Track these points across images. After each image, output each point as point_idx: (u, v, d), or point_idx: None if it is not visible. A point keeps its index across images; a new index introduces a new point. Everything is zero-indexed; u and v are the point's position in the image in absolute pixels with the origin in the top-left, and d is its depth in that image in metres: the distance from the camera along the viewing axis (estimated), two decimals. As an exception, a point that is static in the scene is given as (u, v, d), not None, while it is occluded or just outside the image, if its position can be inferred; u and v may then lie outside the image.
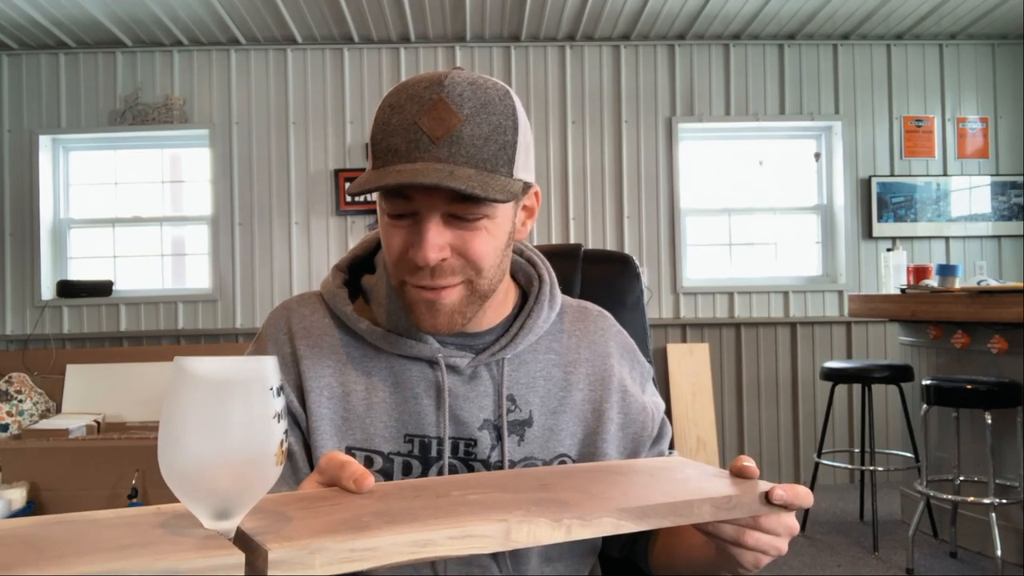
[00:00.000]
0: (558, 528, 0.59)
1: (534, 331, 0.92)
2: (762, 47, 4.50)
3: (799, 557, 3.19)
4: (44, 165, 4.35)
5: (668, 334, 4.39)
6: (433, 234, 0.78)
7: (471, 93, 0.78)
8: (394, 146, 0.77)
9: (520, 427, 0.89)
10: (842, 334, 4.47)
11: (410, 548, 0.54)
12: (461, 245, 0.81)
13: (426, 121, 0.77)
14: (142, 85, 4.36)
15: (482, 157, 0.77)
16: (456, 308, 0.83)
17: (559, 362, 0.94)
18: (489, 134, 0.78)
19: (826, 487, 4.15)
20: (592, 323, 0.98)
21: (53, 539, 0.50)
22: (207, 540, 0.51)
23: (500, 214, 0.83)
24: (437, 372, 0.88)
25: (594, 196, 4.41)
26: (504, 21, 4.20)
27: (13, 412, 3.86)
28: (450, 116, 0.77)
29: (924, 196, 4.46)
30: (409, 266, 0.81)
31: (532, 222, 0.92)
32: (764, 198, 4.56)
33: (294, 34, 4.25)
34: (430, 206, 0.78)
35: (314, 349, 0.89)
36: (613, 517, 0.61)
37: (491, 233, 0.82)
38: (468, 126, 0.77)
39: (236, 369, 0.53)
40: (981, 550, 3.07)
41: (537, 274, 0.96)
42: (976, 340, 3.06)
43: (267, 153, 4.37)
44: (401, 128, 0.77)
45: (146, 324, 4.33)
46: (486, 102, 0.79)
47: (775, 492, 0.68)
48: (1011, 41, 4.53)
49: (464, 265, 0.82)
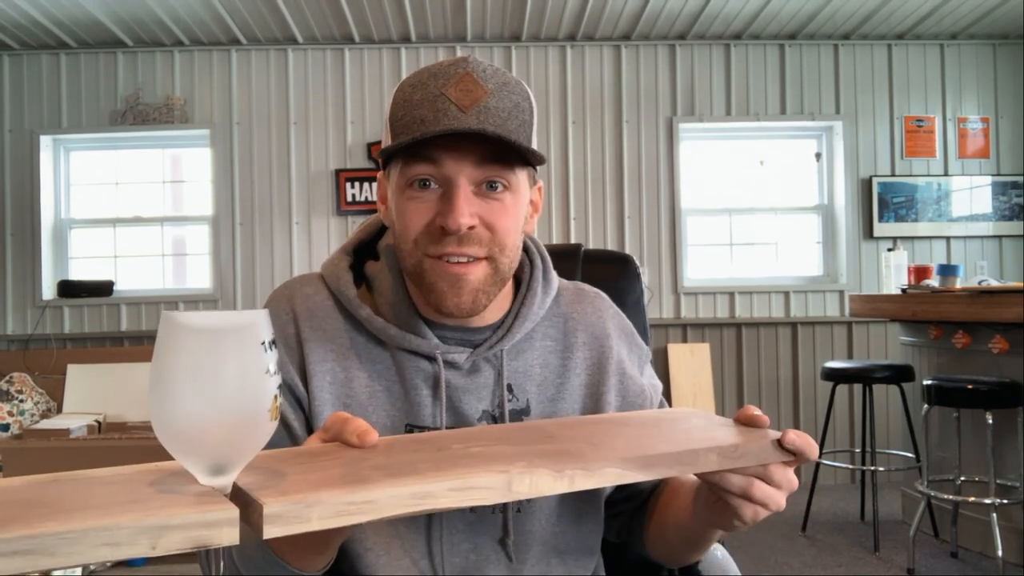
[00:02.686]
0: (560, 479, 0.58)
1: (529, 319, 0.91)
2: (763, 47, 4.50)
3: (800, 557, 3.18)
4: (45, 165, 4.35)
5: (669, 334, 4.39)
6: (464, 199, 0.79)
7: (493, 72, 0.81)
8: (420, 116, 0.78)
9: (518, 416, 0.89)
10: (843, 334, 4.47)
11: (410, 500, 0.53)
12: (488, 216, 0.81)
13: (453, 92, 0.78)
14: (143, 85, 4.36)
15: (508, 128, 0.79)
16: (480, 286, 0.83)
17: (555, 348, 0.93)
18: (511, 109, 0.80)
19: (827, 487, 4.15)
20: (589, 304, 0.97)
21: (46, 497, 0.50)
22: (201, 496, 0.50)
23: (520, 191, 0.84)
24: (435, 367, 0.88)
25: (595, 196, 4.41)
26: (505, 21, 4.20)
27: (14, 412, 3.86)
28: (477, 88, 0.78)
29: (925, 196, 4.46)
30: (435, 237, 0.81)
31: (536, 218, 0.93)
32: (765, 198, 4.56)
33: (295, 34, 4.25)
34: (459, 169, 0.79)
35: (317, 332, 0.88)
36: (617, 467, 0.60)
37: (515, 208, 0.83)
38: (494, 99, 0.79)
39: (226, 320, 0.52)
40: (982, 550, 3.07)
41: (529, 260, 0.96)
42: (977, 340, 3.06)
43: (268, 153, 4.37)
44: (427, 100, 0.79)
45: (147, 324, 4.33)
46: (506, 81, 0.81)
47: (787, 436, 0.67)
48: (1012, 41, 4.53)
49: (490, 238, 0.82)
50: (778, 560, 3.15)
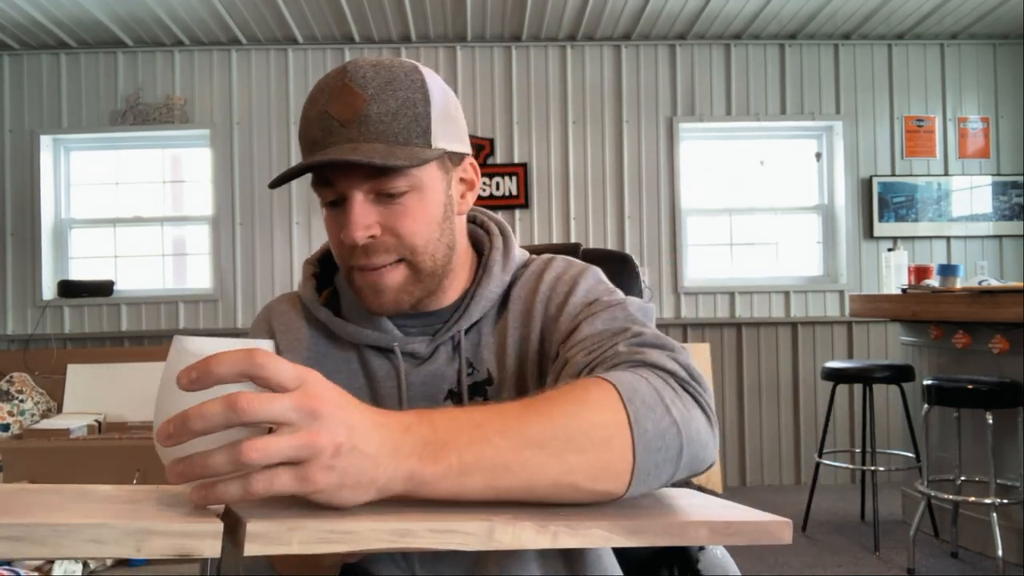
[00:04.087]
0: (544, 533, 0.58)
1: (486, 298, 0.91)
2: (763, 47, 4.50)
3: (800, 557, 3.18)
4: (45, 165, 4.35)
5: (669, 334, 4.31)
6: (357, 213, 0.81)
7: (374, 74, 0.81)
8: (312, 137, 0.82)
9: (481, 388, 0.90)
10: (843, 334, 4.47)
11: (389, 536, 0.54)
12: (389, 223, 0.83)
13: (334, 107, 0.80)
14: (143, 85, 4.36)
15: (392, 132, 0.80)
16: (400, 288, 0.85)
17: (509, 315, 0.93)
18: (397, 109, 0.80)
19: (827, 487, 4.15)
20: (549, 269, 0.94)
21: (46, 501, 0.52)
22: (193, 509, 0.52)
23: (428, 187, 0.84)
24: (394, 359, 0.90)
25: (595, 196, 4.41)
26: (505, 21, 4.20)
27: (14, 412, 3.86)
28: (355, 99, 0.79)
29: (925, 196, 4.46)
30: (346, 250, 0.84)
31: (473, 194, 0.93)
32: (765, 198, 4.56)
33: (295, 34, 4.25)
34: (350, 186, 0.81)
35: (292, 343, 0.92)
36: (604, 530, 0.59)
37: (421, 207, 0.84)
38: (374, 105, 0.79)
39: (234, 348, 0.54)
40: (982, 550, 3.06)
41: (490, 241, 0.96)
42: (977, 340, 3.06)
43: (268, 153, 4.37)
44: (316, 119, 0.81)
45: (147, 324, 4.33)
46: (391, 79, 0.81)
47: None
48: (1012, 41, 4.53)
49: (397, 244, 0.83)
50: (778, 560, 3.15)
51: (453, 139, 0.86)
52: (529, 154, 4.40)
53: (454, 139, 0.86)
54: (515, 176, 4.36)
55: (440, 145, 0.83)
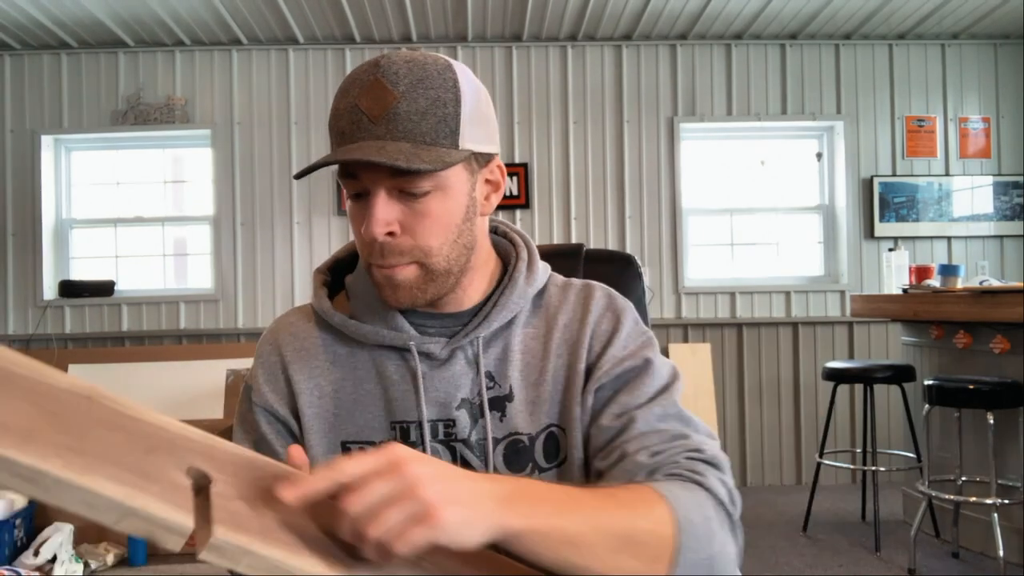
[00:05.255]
0: None
1: (508, 308, 0.91)
2: (764, 47, 4.50)
3: (800, 557, 3.19)
4: (46, 165, 4.36)
5: (670, 334, 4.39)
6: (379, 209, 0.81)
7: (407, 70, 0.81)
8: (340, 129, 0.82)
9: (501, 403, 0.89)
10: (844, 334, 4.47)
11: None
12: (409, 223, 0.83)
13: (364, 101, 0.80)
14: (144, 85, 4.36)
15: (420, 131, 0.80)
16: (414, 284, 0.85)
17: (537, 334, 0.93)
18: (427, 108, 0.80)
19: (828, 487, 4.15)
20: (575, 293, 0.95)
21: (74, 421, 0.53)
22: (183, 492, 0.53)
23: (452, 188, 0.84)
24: (410, 359, 0.89)
25: (596, 196, 4.41)
26: (506, 21, 4.20)
27: (15, 412, 3.86)
28: (386, 94, 0.79)
29: (926, 196, 4.46)
30: (367, 244, 0.85)
31: (498, 196, 0.92)
32: (766, 198, 4.56)
33: (296, 34, 4.25)
34: (374, 181, 0.81)
35: (300, 352, 0.92)
36: None
37: (444, 208, 0.84)
38: (404, 102, 0.79)
39: None
40: (983, 550, 3.07)
41: (515, 251, 0.96)
42: (978, 340, 3.06)
43: (269, 153, 4.37)
44: (346, 111, 0.81)
45: (148, 324, 4.33)
46: (423, 77, 0.81)
47: None
48: (1013, 41, 4.53)
49: (413, 246, 0.84)
50: (779, 560, 3.15)
51: (482, 140, 0.86)
52: (530, 154, 4.40)
53: (483, 140, 0.86)
54: (516, 176, 4.36)
55: (468, 146, 0.83)
